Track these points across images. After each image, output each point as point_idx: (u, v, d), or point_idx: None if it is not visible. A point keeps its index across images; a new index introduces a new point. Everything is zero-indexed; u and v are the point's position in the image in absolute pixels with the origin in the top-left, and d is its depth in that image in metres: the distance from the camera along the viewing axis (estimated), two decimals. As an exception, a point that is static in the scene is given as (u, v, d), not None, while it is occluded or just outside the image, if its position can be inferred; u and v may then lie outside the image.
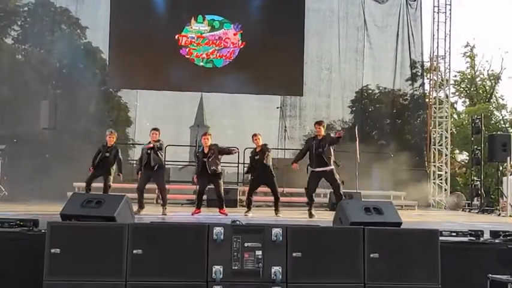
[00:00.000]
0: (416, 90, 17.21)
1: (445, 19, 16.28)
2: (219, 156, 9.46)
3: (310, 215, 9.33)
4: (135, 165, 15.32)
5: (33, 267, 4.71)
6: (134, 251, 4.57)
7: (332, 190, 9.80)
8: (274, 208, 9.88)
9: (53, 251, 4.52)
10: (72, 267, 4.52)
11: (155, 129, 9.81)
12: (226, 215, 9.30)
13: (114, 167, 10.04)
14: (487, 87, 28.77)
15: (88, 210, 5.05)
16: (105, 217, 4.97)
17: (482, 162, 14.68)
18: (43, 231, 4.91)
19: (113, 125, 13.94)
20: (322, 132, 9.50)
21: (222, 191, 9.51)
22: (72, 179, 12.19)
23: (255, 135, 9.89)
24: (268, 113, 16.28)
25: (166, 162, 10.53)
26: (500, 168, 16.42)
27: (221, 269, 4.56)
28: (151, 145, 9.54)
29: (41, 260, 4.54)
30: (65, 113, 14.23)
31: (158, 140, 9.68)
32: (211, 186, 9.62)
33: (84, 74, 15.62)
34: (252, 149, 10.07)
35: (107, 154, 9.96)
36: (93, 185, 10.09)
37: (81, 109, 15.24)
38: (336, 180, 9.25)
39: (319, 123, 9.70)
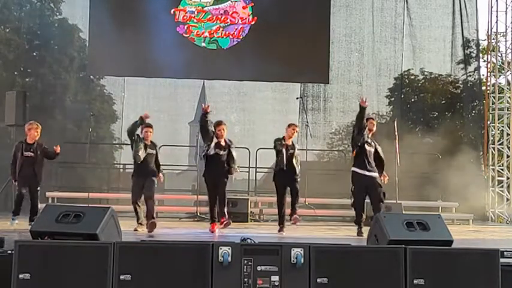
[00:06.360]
0: (470, 75, 17.08)
1: (507, -14, 16.18)
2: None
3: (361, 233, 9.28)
4: (121, 170, 15.48)
5: (-3, 297, 4.75)
6: (121, 277, 4.59)
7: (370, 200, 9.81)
8: (289, 217, 9.71)
9: (21, 276, 4.54)
10: (45, 297, 4.55)
11: (149, 125, 9.75)
12: (214, 232, 9.31)
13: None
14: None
15: (64, 226, 5.08)
16: (86, 234, 4.99)
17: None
18: (9, 252, 4.94)
19: (94, 121, 13.98)
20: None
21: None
22: (44, 188, 12.24)
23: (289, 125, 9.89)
24: (285, 106, 16.23)
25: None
26: None
27: (228, 299, 4.58)
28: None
29: (7, 288, 4.56)
30: (36, 106, 14.31)
31: (154, 144, 9.75)
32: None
33: (59, 57, 15.69)
34: (279, 142, 9.71)
35: (30, 154, 9.70)
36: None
37: (56, 101, 15.31)
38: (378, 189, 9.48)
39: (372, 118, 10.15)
